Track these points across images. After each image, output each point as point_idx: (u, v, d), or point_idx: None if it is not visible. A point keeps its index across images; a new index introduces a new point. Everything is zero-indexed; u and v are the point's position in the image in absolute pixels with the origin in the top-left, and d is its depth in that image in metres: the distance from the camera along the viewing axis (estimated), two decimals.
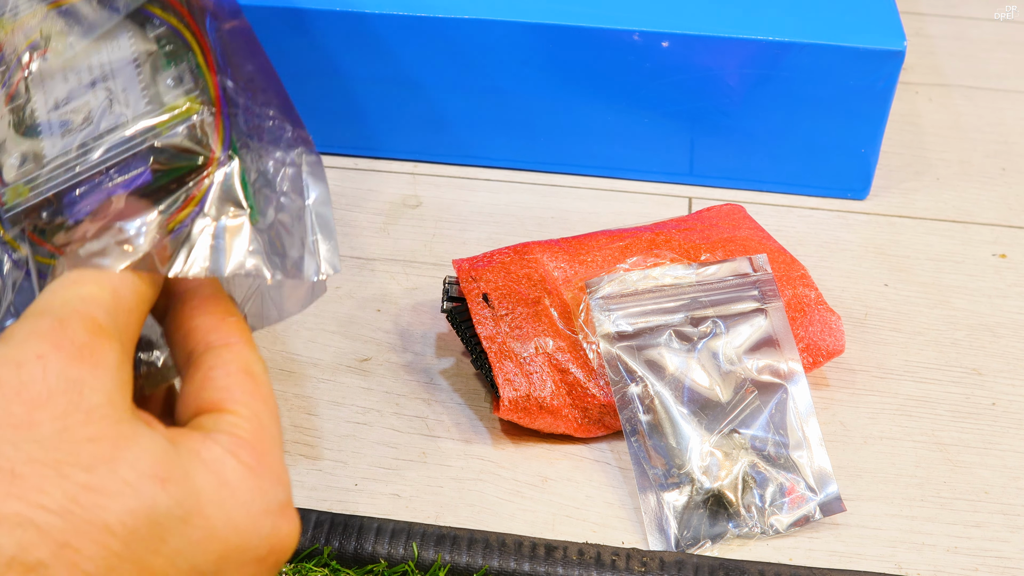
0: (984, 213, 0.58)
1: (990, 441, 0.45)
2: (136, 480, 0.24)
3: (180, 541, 0.25)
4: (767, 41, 0.53)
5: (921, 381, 0.48)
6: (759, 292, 0.45)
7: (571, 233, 0.54)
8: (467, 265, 0.46)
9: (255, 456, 0.27)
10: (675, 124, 0.57)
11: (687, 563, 0.39)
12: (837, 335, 0.46)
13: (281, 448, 0.29)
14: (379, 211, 0.57)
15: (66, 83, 0.37)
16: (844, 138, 0.56)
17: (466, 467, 0.43)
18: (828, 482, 0.42)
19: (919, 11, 0.78)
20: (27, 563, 0.22)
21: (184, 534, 0.25)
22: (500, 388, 0.43)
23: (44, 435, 0.24)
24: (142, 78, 0.37)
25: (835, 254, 0.55)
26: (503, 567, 0.39)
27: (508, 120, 0.58)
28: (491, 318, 0.44)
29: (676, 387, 0.43)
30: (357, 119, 0.59)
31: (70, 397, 0.25)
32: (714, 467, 0.41)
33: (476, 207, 0.58)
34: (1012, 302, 0.52)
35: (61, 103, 0.37)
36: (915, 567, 0.40)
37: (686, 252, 0.47)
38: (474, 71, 0.56)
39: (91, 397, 0.25)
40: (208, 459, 0.26)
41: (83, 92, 0.37)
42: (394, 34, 0.56)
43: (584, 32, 0.54)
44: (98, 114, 0.36)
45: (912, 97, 0.68)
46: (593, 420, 0.44)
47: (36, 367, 0.25)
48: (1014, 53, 0.73)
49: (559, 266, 0.46)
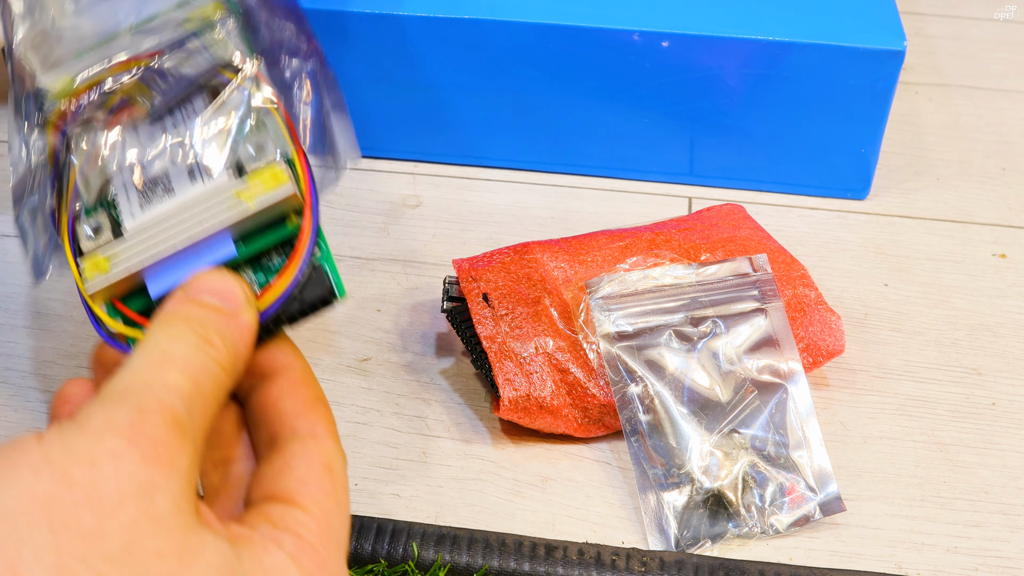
0: (984, 213, 0.58)
1: (990, 441, 0.45)
2: None
3: None
4: (767, 41, 0.53)
5: (921, 381, 0.48)
6: (759, 292, 0.45)
7: (571, 233, 0.54)
8: (467, 265, 0.46)
9: (317, 563, 0.27)
10: (675, 124, 0.57)
11: (687, 563, 0.39)
12: (837, 335, 0.46)
13: (344, 553, 0.29)
14: (379, 211, 0.57)
15: (142, 149, 0.36)
16: (844, 138, 0.56)
17: (466, 467, 0.43)
18: (828, 482, 0.42)
19: (919, 11, 0.78)
20: None
21: None
22: (500, 388, 0.43)
23: (113, 550, 0.24)
24: (222, 144, 0.36)
25: (835, 254, 0.55)
26: (503, 567, 0.39)
27: (508, 120, 0.58)
28: (491, 318, 0.44)
29: (676, 387, 0.43)
30: (357, 119, 0.59)
31: (140, 503, 0.25)
32: (714, 467, 0.41)
33: (476, 207, 0.58)
34: (1012, 302, 0.52)
35: (139, 170, 0.36)
36: (915, 567, 0.40)
37: (686, 252, 0.47)
38: (474, 71, 0.56)
39: (161, 503, 0.25)
40: (270, 567, 0.26)
41: (161, 158, 0.36)
42: (394, 34, 0.56)
43: (584, 32, 0.54)
44: (178, 182, 0.36)
45: (912, 97, 0.68)
46: (593, 420, 0.44)
47: (110, 466, 0.25)
48: (1014, 53, 0.73)
49: (559, 266, 0.46)
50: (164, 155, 0.36)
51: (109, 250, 0.34)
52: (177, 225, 0.35)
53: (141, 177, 0.36)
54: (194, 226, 0.35)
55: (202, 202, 0.35)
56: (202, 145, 0.36)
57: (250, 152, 0.36)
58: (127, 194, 0.36)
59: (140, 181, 0.36)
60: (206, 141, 0.36)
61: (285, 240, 0.36)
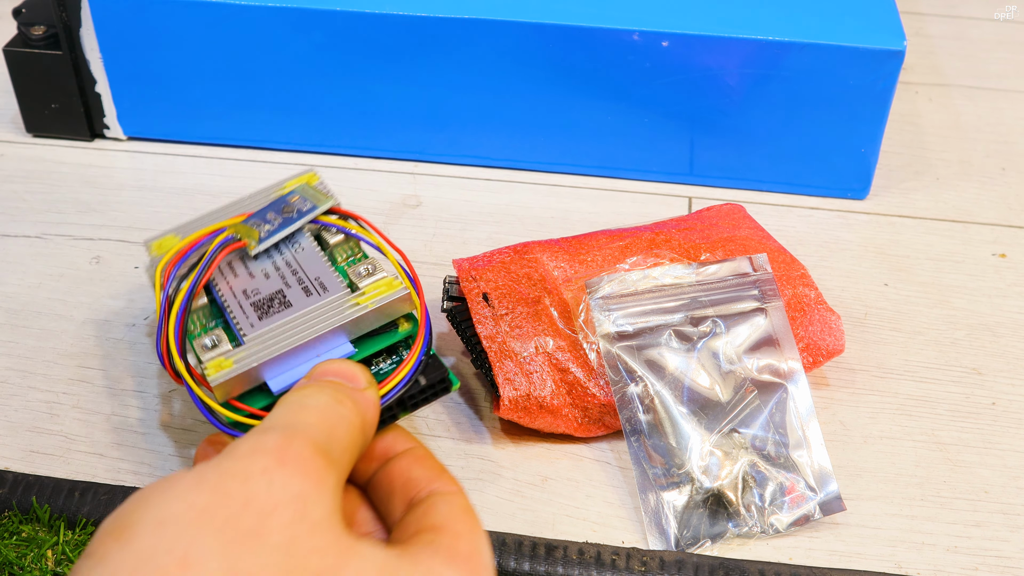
0: (984, 213, 0.58)
1: (990, 441, 0.45)
2: None
3: None
4: (767, 41, 0.53)
5: (921, 381, 0.48)
6: (759, 292, 0.45)
7: (571, 233, 0.54)
8: (467, 265, 0.46)
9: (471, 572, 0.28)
10: (675, 124, 0.57)
11: (687, 563, 0.39)
12: (837, 335, 0.46)
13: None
14: (379, 211, 0.57)
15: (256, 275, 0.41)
16: (844, 138, 0.56)
17: (466, 467, 0.43)
18: (828, 481, 0.42)
19: (919, 11, 0.78)
20: None
21: None
22: (500, 387, 0.43)
23: (274, 544, 0.25)
24: (331, 267, 0.41)
25: (835, 254, 0.55)
26: (503, 566, 0.39)
27: (508, 120, 0.58)
28: (491, 317, 0.44)
29: (676, 387, 0.43)
30: (357, 119, 0.59)
31: (295, 508, 0.26)
32: (714, 467, 0.41)
33: (476, 207, 0.58)
34: (1012, 302, 0.52)
35: (251, 292, 0.40)
36: (915, 567, 0.40)
37: (686, 252, 0.47)
38: (474, 71, 0.56)
39: (315, 510, 0.26)
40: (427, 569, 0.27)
41: (276, 281, 0.40)
42: (394, 34, 0.56)
43: (584, 32, 0.54)
44: (295, 298, 0.39)
45: (912, 97, 0.68)
46: (593, 420, 0.44)
47: (261, 481, 0.26)
48: (1014, 53, 0.73)
49: (559, 266, 0.46)
50: (279, 278, 0.40)
51: (231, 354, 0.37)
52: (296, 329, 0.38)
53: (256, 296, 0.39)
54: (313, 328, 0.38)
55: (320, 309, 0.39)
56: (316, 269, 0.40)
57: (361, 272, 0.40)
58: (243, 312, 0.39)
59: (255, 300, 0.39)
60: (320, 266, 0.41)
61: (396, 344, 0.40)
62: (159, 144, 0.62)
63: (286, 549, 0.25)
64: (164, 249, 0.42)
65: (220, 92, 0.59)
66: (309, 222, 0.42)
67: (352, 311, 0.38)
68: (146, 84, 0.59)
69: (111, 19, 0.57)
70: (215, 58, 0.57)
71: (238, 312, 0.39)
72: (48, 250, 0.54)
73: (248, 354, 0.37)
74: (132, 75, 0.59)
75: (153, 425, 0.44)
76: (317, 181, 0.45)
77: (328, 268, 0.41)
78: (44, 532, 0.40)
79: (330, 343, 0.38)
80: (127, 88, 0.59)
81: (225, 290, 0.40)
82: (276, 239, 0.41)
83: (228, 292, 0.40)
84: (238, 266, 0.41)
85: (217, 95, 0.59)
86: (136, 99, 0.60)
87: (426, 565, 0.27)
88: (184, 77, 0.58)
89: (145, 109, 0.60)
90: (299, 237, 0.42)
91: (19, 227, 0.55)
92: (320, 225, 0.42)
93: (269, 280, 0.40)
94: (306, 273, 0.40)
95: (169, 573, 0.24)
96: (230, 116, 0.60)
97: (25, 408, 0.45)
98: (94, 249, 0.54)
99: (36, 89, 0.60)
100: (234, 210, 0.44)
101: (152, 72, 0.58)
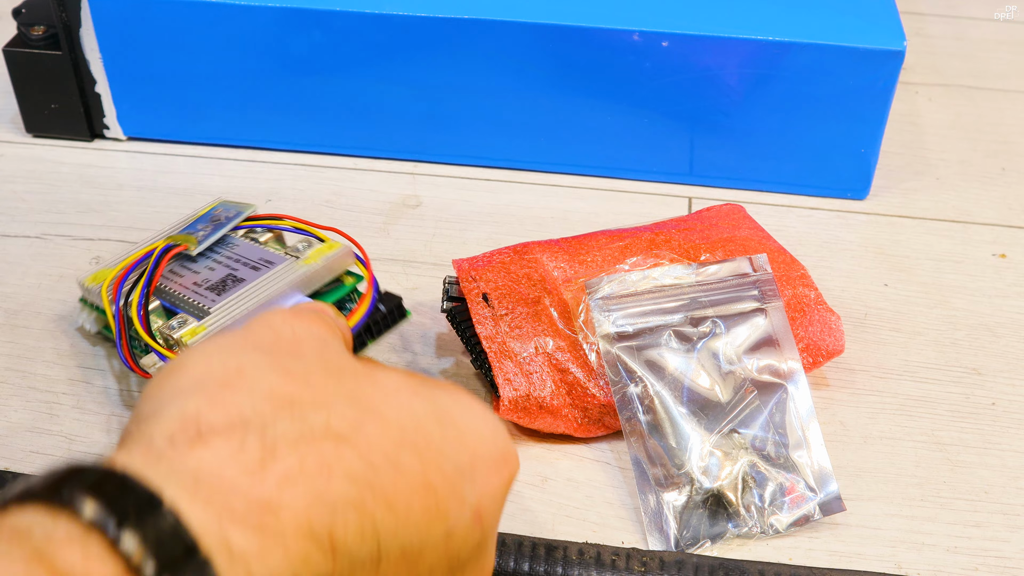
0: (984, 213, 0.58)
1: (990, 441, 0.45)
2: (394, 388, 0.29)
3: (440, 442, 0.28)
4: (767, 41, 0.53)
5: (921, 381, 0.48)
6: (759, 292, 0.45)
7: (571, 233, 0.54)
8: (467, 265, 0.46)
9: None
10: (675, 124, 0.57)
11: (687, 563, 0.39)
12: (837, 335, 0.46)
13: None
14: (379, 211, 0.57)
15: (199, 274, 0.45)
16: (844, 138, 0.56)
17: None
18: (828, 482, 0.42)
19: (919, 11, 0.78)
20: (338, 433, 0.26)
21: (442, 435, 0.28)
22: (500, 388, 0.43)
23: (312, 356, 0.29)
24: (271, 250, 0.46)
25: (835, 254, 0.55)
26: (503, 567, 0.39)
27: (508, 120, 0.58)
28: (491, 318, 0.44)
29: (676, 387, 0.43)
30: (357, 119, 0.59)
31: (319, 341, 0.30)
32: (714, 467, 0.41)
33: (476, 207, 0.58)
34: (1012, 302, 0.52)
35: (202, 282, 0.44)
36: (915, 567, 0.40)
37: (686, 252, 0.47)
38: (474, 71, 0.56)
39: (334, 345, 0.30)
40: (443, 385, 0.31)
41: (224, 267, 0.45)
42: (394, 34, 0.56)
43: (584, 32, 0.54)
44: (246, 274, 0.45)
45: (912, 97, 0.68)
46: (593, 420, 0.44)
47: (284, 327, 0.30)
48: (1014, 53, 0.73)
49: (559, 266, 0.46)
50: (225, 268, 0.45)
51: (201, 323, 0.42)
52: (255, 294, 0.43)
53: (208, 284, 0.44)
54: (270, 288, 0.43)
55: (273, 276, 0.44)
56: (258, 253, 0.46)
57: (299, 248, 0.46)
58: (200, 296, 0.44)
59: (208, 285, 0.44)
60: (260, 251, 0.46)
61: (345, 296, 0.46)
62: (159, 144, 0.62)
63: (324, 360, 0.29)
64: (100, 280, 0.45)
65: (220, 92, 0.59)
66: (235, 226, 0.47)
67: (303, 268, 0.44)
68: (146, 84, 0.59)
69: (111, 19, 0.57)
70: (215, 58, 0.57)
71: (196, 296, 0.43)
72: (48, 250, 0.54)
73: (216, 319, 0.42)
74: (132, 75, 0.59)
75: None
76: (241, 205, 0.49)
77: (269, 250, 0.46)
78: None
79: (288, 300, 0.41)
80: (127, 88, 0.59)
81: (176, 287, 0.44)
82: (213, 239, 0.46)
83: (180, 287, 0.44)
84: (181, 270, 0.45)
85: (217, 95, 0.59)
86: (136, 99, 0.60)
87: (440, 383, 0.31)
88: (184, 77, 0.58)
89: (145, 109, 0.60)
90: (231, 239, 0.47)
91: (19, 227, 0.55)
92: (248, 229, 0.47)
93: (215, 271, 0.45)
94: (249, 258, 0.45)
95: (230, 381, 0.26)
96: (230, 116, 0.60)
97: (25, 408, 0.45)
98: (94, 249, 0.54)
99: (36, 89, 0.60)
100: (158, 235, 0.48)
101: (152, 72, 0.58)
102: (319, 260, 0.44)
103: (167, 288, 0.44)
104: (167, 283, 0.45)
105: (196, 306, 0.43)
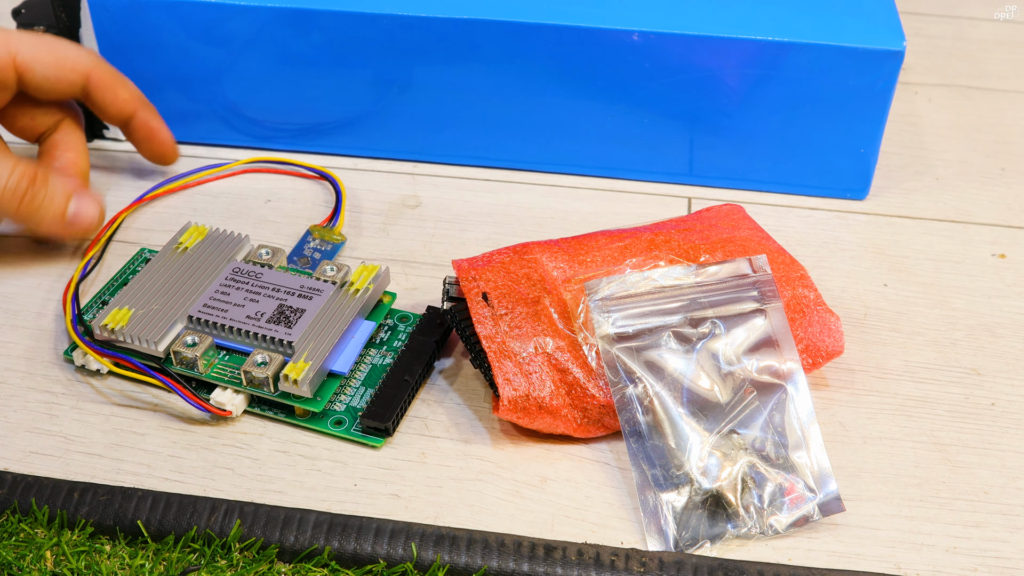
0: (984, 213, 0.58)
1: (989, 441, 0.45)
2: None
3: None
4: (767, 41, 0.53)
5: (920, 381, 0.48)
6: (758, 293, 0.45)
7: (571, 233, 0.54)
8: (467, 265, 0.46)
9: None
10: (675, 124, 0.57)
11: (686, 563, 0.39)
12: (836, 336, 0.46)
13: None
14: (379, 211, 0.57)
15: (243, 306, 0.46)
16: (844, 138, 0.56)
17: (465, 467, 0.43)
18: (827, 482, 0.42)
19: (919, 11, 0.78)
20: None
21: None
22: (499, 388, 0.43)
23: None
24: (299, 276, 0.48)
25: (835, 254, 0.55)
26: (502, 567, 0.39)
27: (508, 120, 0.58)
28: (490, 317, 0.44)
29: (675, 388, 0.43)
30: (357, 119, 0.59)
31: None
32: (713, 467, 0.41)
33: (476, 207, 0.58)
34: (1012, 302, 0.52)
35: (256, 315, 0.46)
36: (914, 567, 0.40)
37: (685, 253, 0.47)
38: (474, 71, 0.56)
39: None
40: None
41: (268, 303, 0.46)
42: (394, 34, 0.56)
43: (584, 32, 0.54)
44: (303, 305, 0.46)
45: (912, 97, 0.68)
46: (593, 420, 0.44)
47: None
48: (1014, 53, 0.73)
49: (559, 266, 0.46)
50: (268, 299, 0.47)
51: (297, 357, 0.44)
52: (327, 324, 0.46)
53: (265, 316, 0.46)
54: (342, 318, 0.46)
55: (332, 305, 0.46)
56: (291, 282, 0.48)
57: (327, 272, 0.49)
58: (263, 327, 0.45)
59: (269, 317, 0.46)
60: (292, 279, 0.48)
61: (385, 315, 0.49)
62: None
63: None
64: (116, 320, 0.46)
65: (218, 93, 0.59)
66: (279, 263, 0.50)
67: (362, 296, 0.47)
68: (145, 84, 0.59)
69: (110, 19, 0.57)
70: (214, 59, 0.57)
71: (261, 329, 0.45)
72: (48, 250, 0.54)
73: (311, 352, 0.44)
74: (131, 75, 0.59)
75: (153, 425, 0.45)
76: (207, 233, 0.50)
77: (299, 277, 0.48)
78: (43, 533, 0.40)
79: (356, 325, 0.47)
80: None
81: (229, 322, 0.45)
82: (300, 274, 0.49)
83: (236, 321, 0.46)
84: (218, 304, 0.46)
85: (215, 96, 0.59)
86: None
87: None
88: (183, 78, 0.58)
89: None
90: (243, 268, 0.48)
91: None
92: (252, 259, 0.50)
93: (260, 303, 0.46)
94: (289, 287, 0.47)
95: None
96: (229, 116, 0.60)
97: (24, 408, 0.45)
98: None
99: None
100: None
101: (151, 72, 0.58)
102: (367, 283, 0.47)
103: (215, 322, 0.45)
104: (212, 315, 0.46)
105: (269, 339, 0.45)
